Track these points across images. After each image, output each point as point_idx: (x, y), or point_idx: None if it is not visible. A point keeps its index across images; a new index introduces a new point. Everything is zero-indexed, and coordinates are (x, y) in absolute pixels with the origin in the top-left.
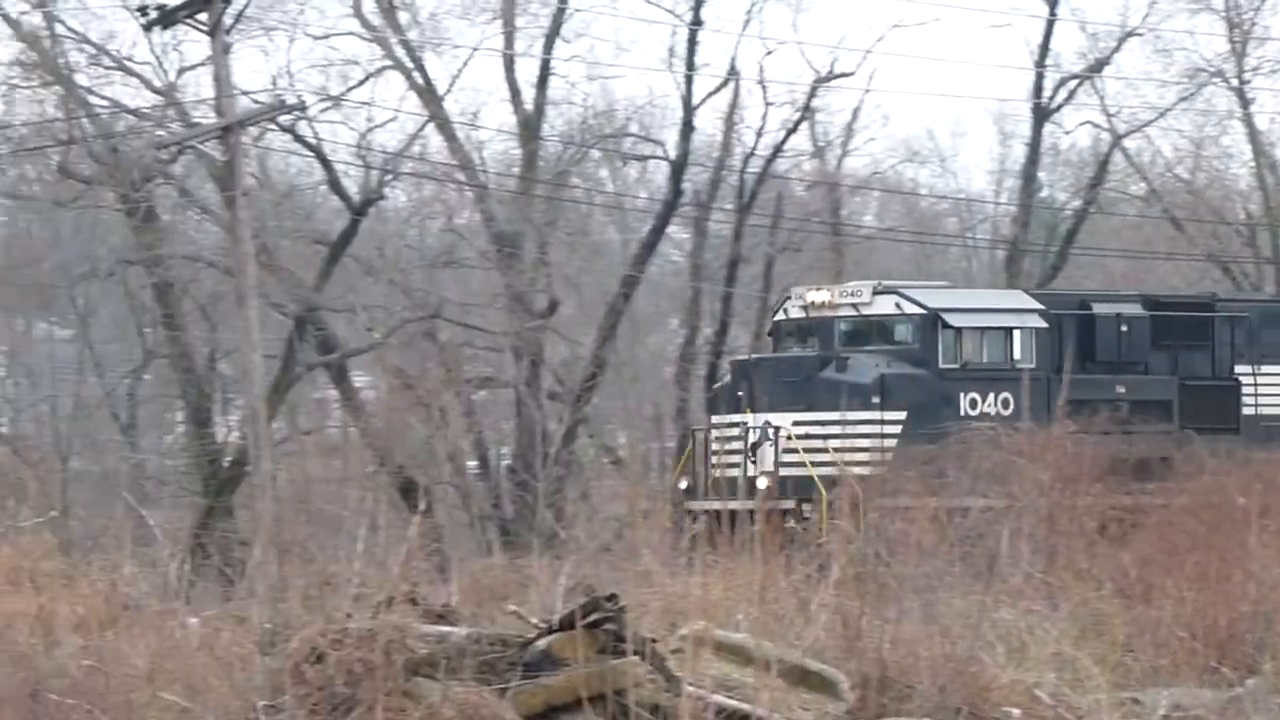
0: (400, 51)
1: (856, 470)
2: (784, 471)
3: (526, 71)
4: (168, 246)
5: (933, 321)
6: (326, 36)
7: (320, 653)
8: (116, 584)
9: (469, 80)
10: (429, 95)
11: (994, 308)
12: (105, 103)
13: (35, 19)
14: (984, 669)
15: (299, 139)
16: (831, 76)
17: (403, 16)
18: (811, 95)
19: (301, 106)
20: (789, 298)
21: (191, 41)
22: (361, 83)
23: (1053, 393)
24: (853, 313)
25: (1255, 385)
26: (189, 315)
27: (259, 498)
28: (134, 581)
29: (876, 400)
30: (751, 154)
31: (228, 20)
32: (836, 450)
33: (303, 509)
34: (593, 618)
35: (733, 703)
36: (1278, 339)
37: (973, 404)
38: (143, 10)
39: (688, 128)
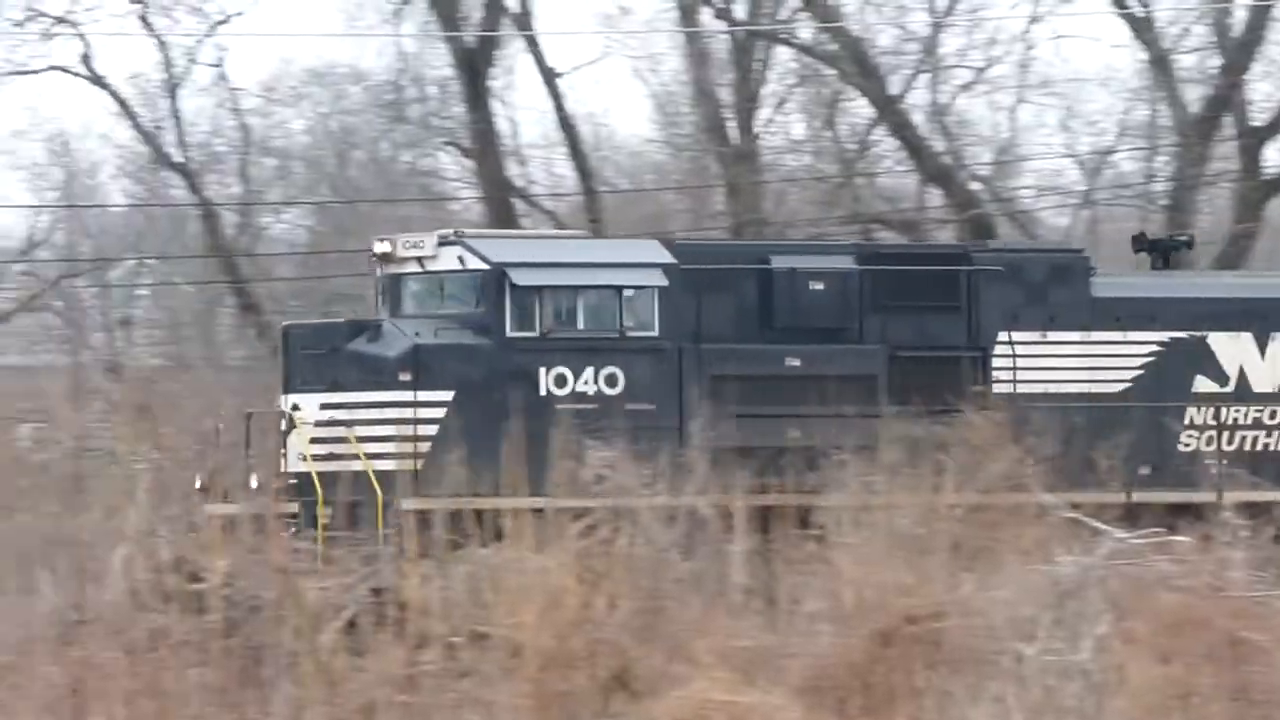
0: None
1: (380, 465)
2: (316, 467)
3: None
4: None
5: (497, 279)
6: None
7: None
8: None
9: None
10: None
11: (594, 262)
12: None
13: None
14: None
15: None
16: None
17: None
18: None
19: None
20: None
21: None
22: None
23: (687, 367)
24: (418, 269)
25: (1013, 355)
26: None
27: None
28: None
29: (406, 377)
30: None
31: None
32: (359, 440)
33: None
34: None
35: None
36: (1037, 297)
37: (559, 381)
38: None
39: None
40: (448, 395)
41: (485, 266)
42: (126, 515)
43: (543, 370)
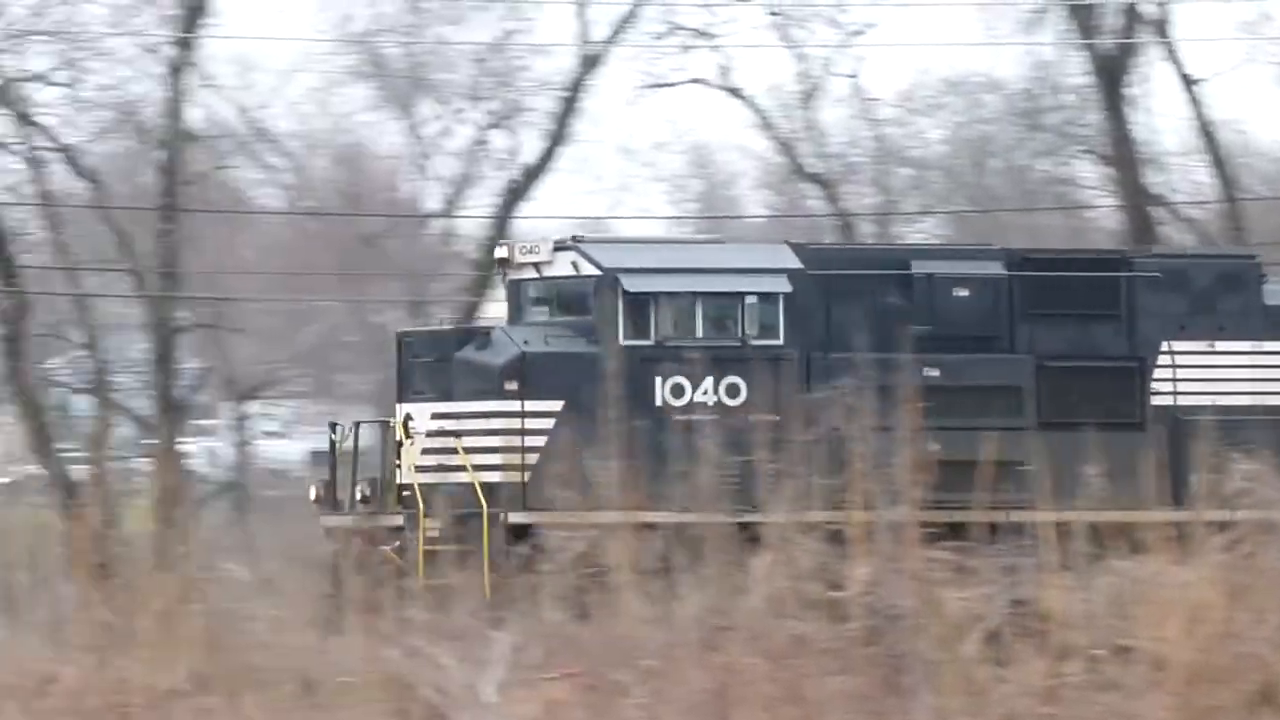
0: None
1: (486, 477)
2: (423, 478)
3: None
4: None
5: (610, 285)
6: None
7: None
8: None
9: None
10: None
11: (714, 268)
12: None
13: None
14: None
15: None
16: None
17: None
18: None
19: None
20: None
21: None
22: None
23: (814, 377)
24: (534, 274)
25: (1173, 367)
26: None
27: None
28: None
29: (513, 386)
30: None
31: None
32: (467, 450)
33: None
34: None
35: None
36: (1204, 305)
37: (676, 391)
38: None
39: None
40: (557, 405)
41: (598, 272)
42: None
43: (658, 379)
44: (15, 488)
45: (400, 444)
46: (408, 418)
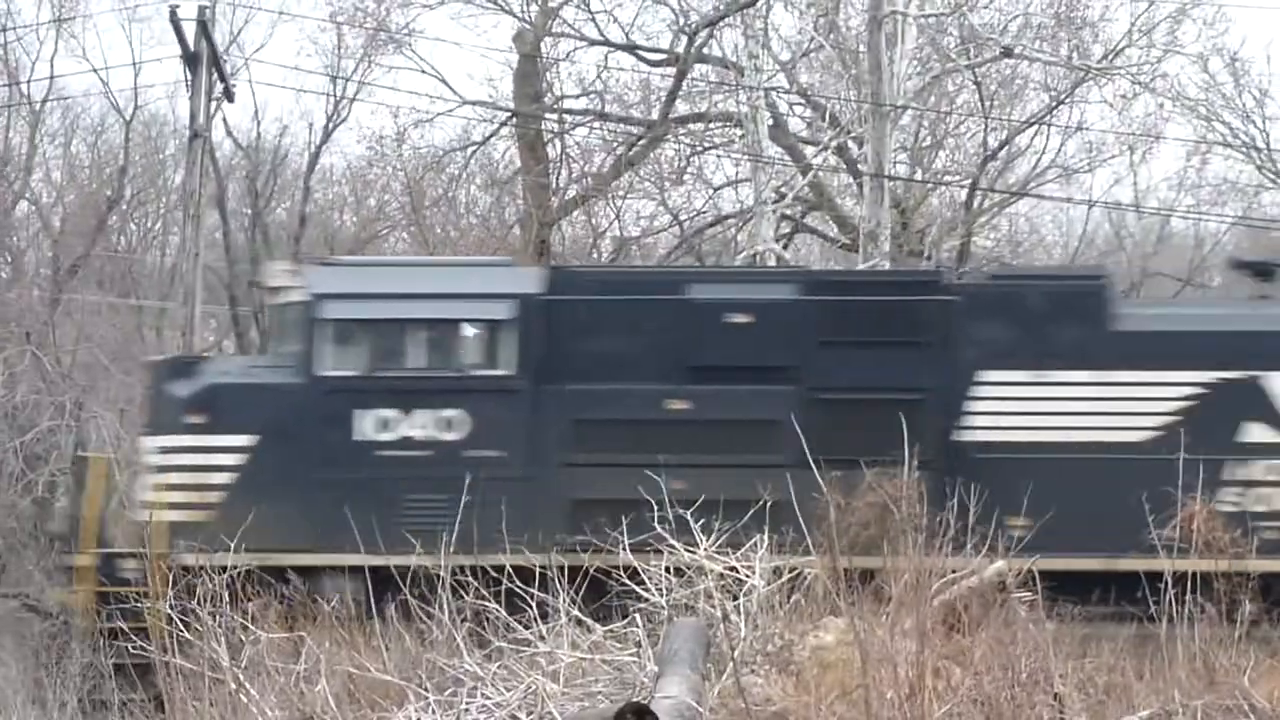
0: None
1: (170, 516)
2: (130, 515)
3: None
4: None
5: (314, 311)
6: None
7: None
8: None
9: None
10: None
11: (433, 293)
12: None
13: None
14: None
15: None
16: None
17: None
18: None
19: None
20: None
21: None
22: None
23: (546, 410)
24: (272, 299)
25: (988, 399)
26: None
27: None
28: None
29: (197, 420)
30: None
31: None
32: (155, 487)
33: None
34: None
35: None
36: (1035, 331)
37: (381, 425)
38: None
39: None
40: (248, 439)
41: (306, 298)
42: None
43: (358, 413)
44: None
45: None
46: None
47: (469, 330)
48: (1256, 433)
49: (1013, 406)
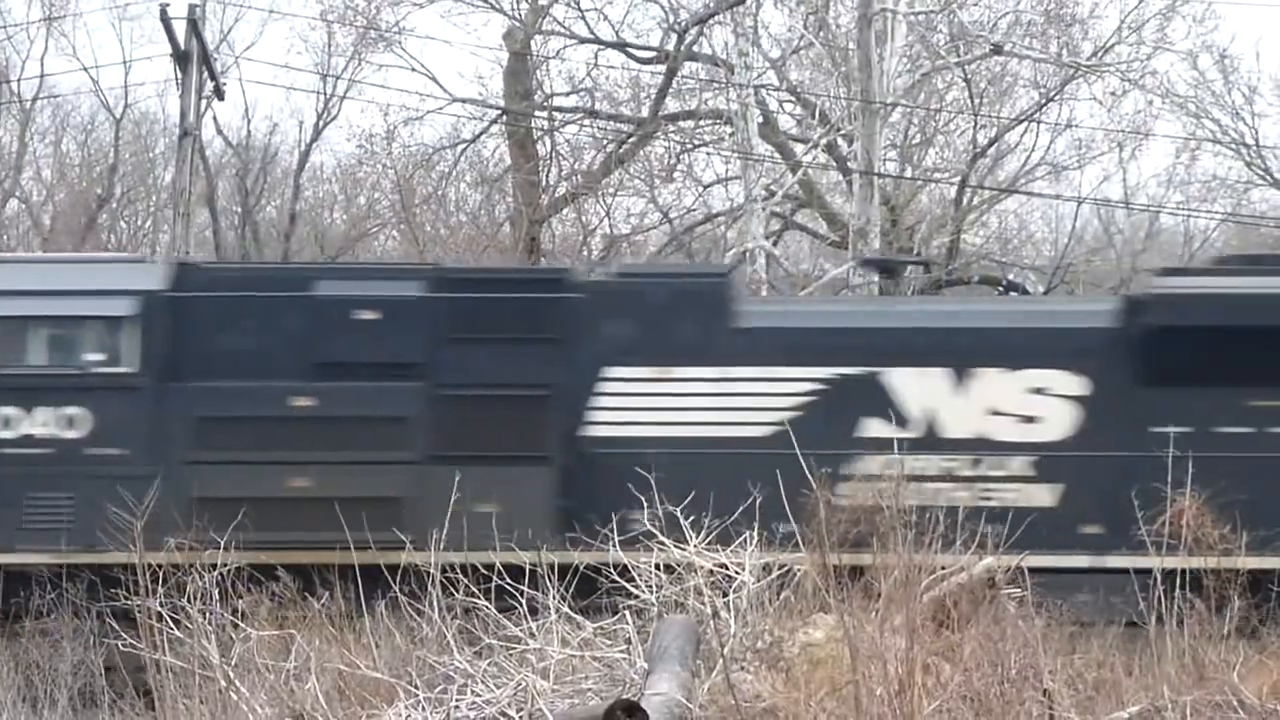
0: None
1: None
2: None
3: None
4: None
5: None
6: None
7: None
8: None
9: None
10: None
11: (54, 289)
12: None
13: None
14: None
15: None
16: None
17: None
18: None
19: None
20: None
21: None
22: None
23: (169, 407)
24: None
25: (609, 395)
26: None
27: None
28: None
29: None
30: None
31: None
32: None
33: None
34: None
35: None
36: (658, 327)
37: (3, 423)
38: None
39: None
40: None
41: None
42: None
43: None
44: None
45: None
46: None
47: (90, 327)
48: (875, 428)
49: (636, 402)
